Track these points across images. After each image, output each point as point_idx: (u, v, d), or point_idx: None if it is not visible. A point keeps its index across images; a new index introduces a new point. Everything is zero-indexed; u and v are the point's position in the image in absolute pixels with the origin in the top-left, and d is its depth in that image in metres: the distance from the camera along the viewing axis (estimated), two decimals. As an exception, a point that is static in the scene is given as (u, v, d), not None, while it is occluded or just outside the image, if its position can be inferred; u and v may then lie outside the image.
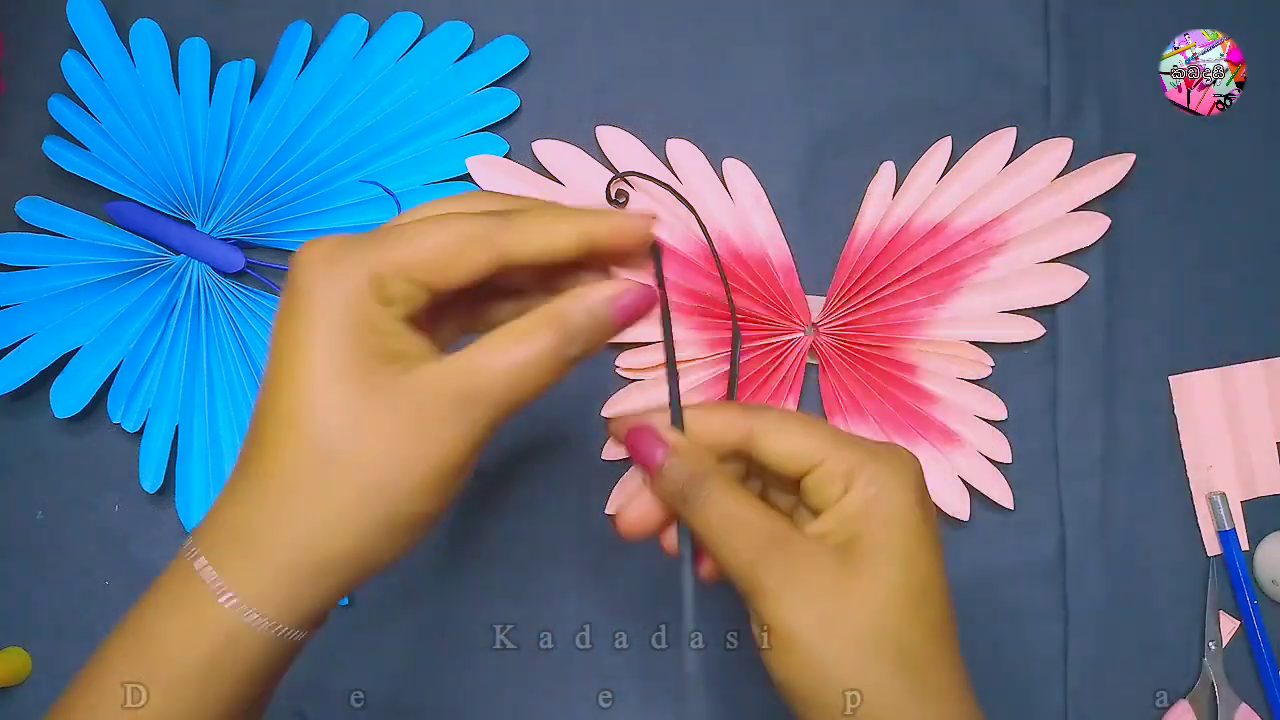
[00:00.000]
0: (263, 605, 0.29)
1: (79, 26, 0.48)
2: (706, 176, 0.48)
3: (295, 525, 0.29)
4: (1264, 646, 0.47)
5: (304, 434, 0.29)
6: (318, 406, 0.29)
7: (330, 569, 0.29)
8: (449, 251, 0.29)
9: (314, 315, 0.29)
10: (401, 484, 0.29)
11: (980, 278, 0.47)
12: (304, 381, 0.29)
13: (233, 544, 0.30)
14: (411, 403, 0.29)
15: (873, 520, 0.32)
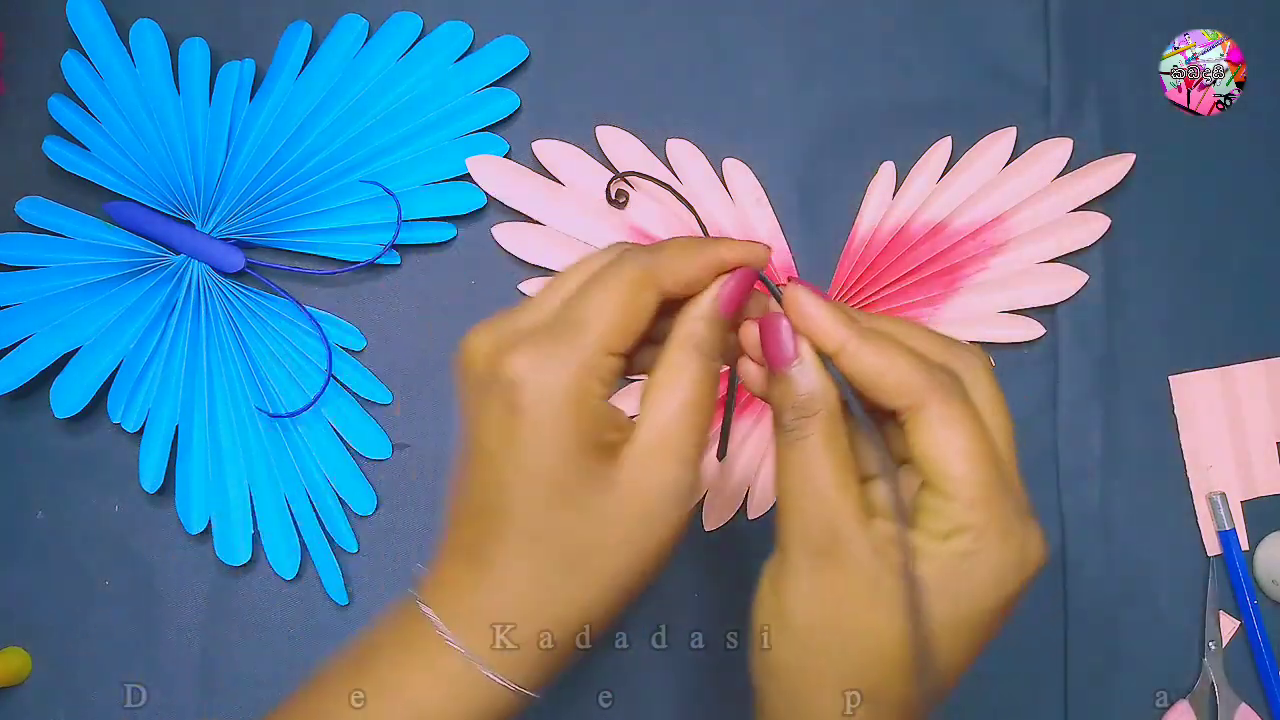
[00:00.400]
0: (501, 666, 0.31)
1: (79, 26, 0.48)
2: (706, 176, 0.48)
3: (541, 611, 0.31)
4: (1264, 646, 0.47)
5: (536, 530, 0.30)
6: (554, 506, 0.30)
7: (569, 644, 0.32)
8: (629, 308, 0.30)
9: (538, 414, 0.29)
10: (639, 568, 0.31)
11: (980, 278, 0.47)
12: (533, 479, 0.30)
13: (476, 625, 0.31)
14: (636, 493, 0.30)
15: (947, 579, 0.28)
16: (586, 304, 0.30)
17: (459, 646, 0.30)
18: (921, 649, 0.28)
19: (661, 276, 0.30)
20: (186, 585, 0.47)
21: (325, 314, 0.48)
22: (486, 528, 0.31)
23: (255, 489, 0.47)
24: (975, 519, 0.28)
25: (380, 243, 0.47)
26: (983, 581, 0.29)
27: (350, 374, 0.47)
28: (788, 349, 0.30)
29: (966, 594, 0.29)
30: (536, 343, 0.30)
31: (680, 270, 0.31)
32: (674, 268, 0.31)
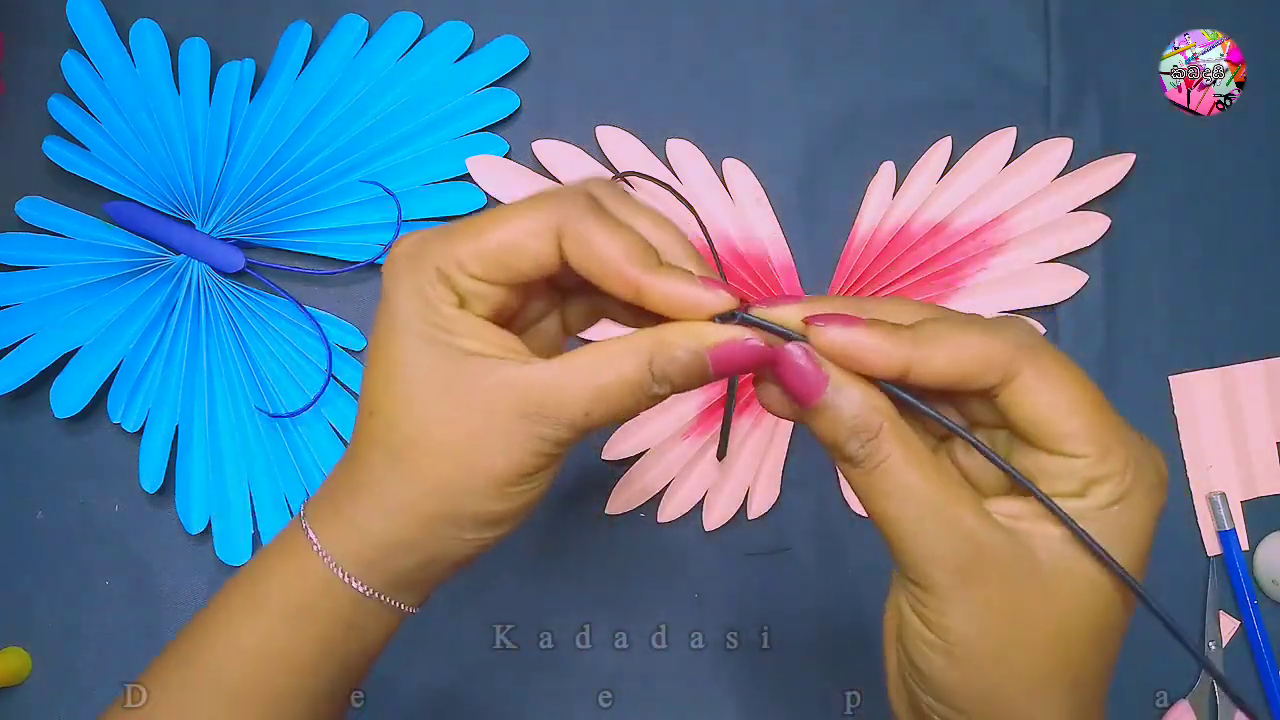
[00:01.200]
0: (348, 564, 0.30)
1: (79, 26, 0.48)
2: (706, 176, 0.48)
3: (371, 503, 0.30)
4: (1264, 646, 0.47)
5: (383, 421, 0.30)
6: (397, 397, 0.29)
7: (399, 550, 0.30)
8: (511, 242, 0.28)
9: (393, 311, 0.29)
10: (461, 483, 0.29)
11: (980, 278, 0.47)
12: (386, 373, 0.29)
13: (328, 508, 0.31)
14: (484, 405, 0.28)
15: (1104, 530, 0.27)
16: (473, 221, 0.29)
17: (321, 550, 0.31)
18: (1132, 586, 0.27)
19: (574, 235, 0.28)
20: (186, 585, 0.47)
21: (325, 314, 0.48)
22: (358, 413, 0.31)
23: (255, 489, 0.47)
24: (1112, 466, 0.27)
25: (380, 243, 0.47)
26: (1141, 520, 0.27)
27: (350, 374, 0.47)
28: (815, 379, 0.27)
29: (1130, 538, 0.27)
30: (416, 237, 0.29)
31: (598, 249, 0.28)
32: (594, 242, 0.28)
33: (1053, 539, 0.27)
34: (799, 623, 0.46)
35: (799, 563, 0.47)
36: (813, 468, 0.47)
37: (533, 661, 0.47)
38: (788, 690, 0.46)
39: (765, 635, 0.37)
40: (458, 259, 0.28)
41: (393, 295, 0.29)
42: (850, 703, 0.37)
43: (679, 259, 0.29)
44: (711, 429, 0.47)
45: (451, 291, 0.29)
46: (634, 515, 0.47)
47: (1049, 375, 0.27)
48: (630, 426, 0.47)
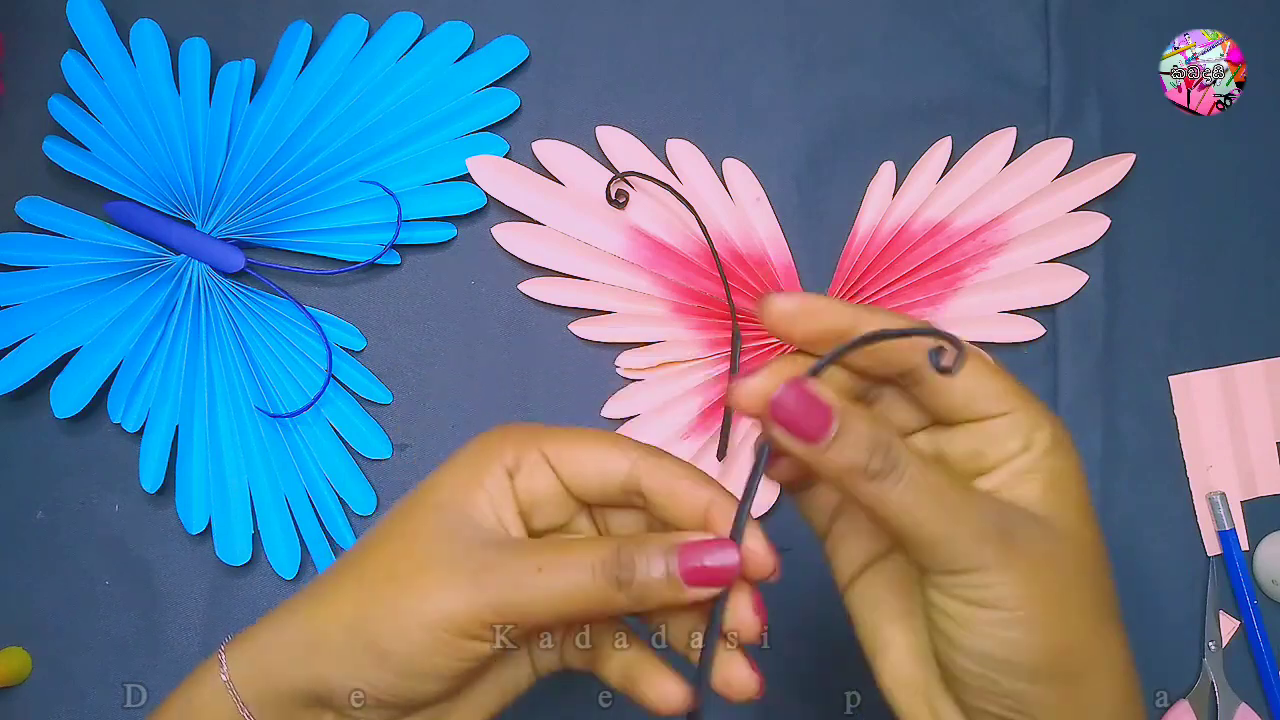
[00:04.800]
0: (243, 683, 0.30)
1: (79, 26, 0.48)
2: (706, 176, 0.48)
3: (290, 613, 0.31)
4: (1264, 646, 0.47)
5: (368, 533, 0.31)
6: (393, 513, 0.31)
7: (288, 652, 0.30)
8: (592, 452, 0.30)
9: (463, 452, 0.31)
10: (379, 599, 0.29)
11: (980, 278, 0.47)
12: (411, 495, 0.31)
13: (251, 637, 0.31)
14: (442, 549, 0.29)
15: (1056, 480, 0.28)
16: (566, 429, 0.31)
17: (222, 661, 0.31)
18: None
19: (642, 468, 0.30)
20: (186, 585, 0.47)
21: (325, 314, 0.48)
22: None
23: (255, 489, 0.47)
24: (1038, 414, 0.29)
25: (380, 243, 0.47)
26: (1076, 463, 0.29)
27: (350, 374, 0.47)
28: (822, 415, 0.27)
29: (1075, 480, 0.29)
30: (518, 425, 0.31)
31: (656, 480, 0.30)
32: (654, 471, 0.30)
33: (1031, 498, 0.28)
34: (799, 623, 0.46)
35: (799, 563, 0.47)
36: (813, 468, 0.47)
37: (533, 661, 0.47)
38: (788, 690, 0.46)
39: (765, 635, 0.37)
40: (542, 439, 0.30)
41: (469, 444, 0.31)
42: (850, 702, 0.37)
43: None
44: (711, 429, 0.47)
45: (516, 459, 0.30)
46: (634, 515, 0.47)
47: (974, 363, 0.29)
48: (630, 427, 0.47)
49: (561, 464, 0.30)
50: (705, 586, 0.29)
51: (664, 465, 0.30)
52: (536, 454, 0.30)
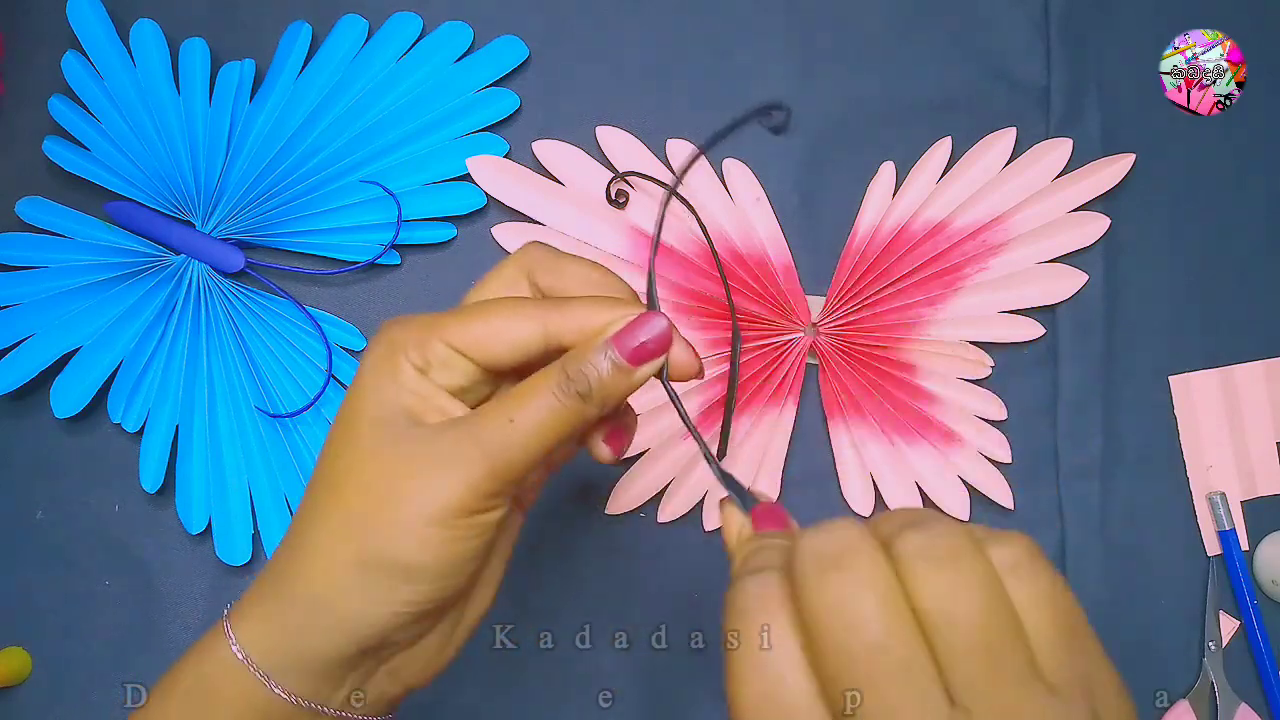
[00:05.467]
0: (257, 650, 0.30)
1: (79, 26, 0.48)
2: (706, 176, 0.48)
3: (294, 571, 0.30)
4: (1264, 646, 0.47)
5: (317, 483, 0.30)
6: (335, 459, 0.30)
7: (319, 609, 0.29)
8: (494, 328, 0.30)
9: (360, 377, 0.30)
10: (374, 526, 0.29)
11: (980, 278, 0.47)
12: (333, 439, 0.31)
13: (253, 604, 0.31)
14: (404, 457, 0.29)
15: None
16: (463, 307, 0.31)
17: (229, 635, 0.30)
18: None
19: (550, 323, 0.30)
20: (186, 585, 0.47)
21: (325, 314, 0.48)
22: (300, 505, 0.31)
23: (255, 489, 0.47)
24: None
25: (380, 243, 0.47)
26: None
27: (350, 374, 0.47)
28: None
29: None
30: (410, 316, 0.31)
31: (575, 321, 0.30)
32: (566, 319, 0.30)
33: None
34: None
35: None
36: (813, 468, 0.47)
37: (533, 661, 0.47)
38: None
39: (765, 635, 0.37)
40: (441, 332, 0.30)
41: (364, 356, 0.31)
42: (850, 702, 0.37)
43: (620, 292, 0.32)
44: (711, 429, 0.47)
45: (422, 357, 0.30)
46: (634, 515, 0.47)
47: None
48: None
49: (471, 350, 0.30)
50: (648, 360, 0.30)
51: (570, 311, 0.30)
52: (440, 347, 0.30)
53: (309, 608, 0.29)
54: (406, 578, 0.29)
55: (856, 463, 0.47)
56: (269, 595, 0.30)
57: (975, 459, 0.47)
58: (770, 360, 0.47)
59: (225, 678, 0.30)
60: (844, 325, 0.47)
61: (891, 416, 0.47)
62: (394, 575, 0.29)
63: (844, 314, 0.47)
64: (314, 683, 0.30)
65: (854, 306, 0.47)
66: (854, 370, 0.47)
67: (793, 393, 0.47)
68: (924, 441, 0.47)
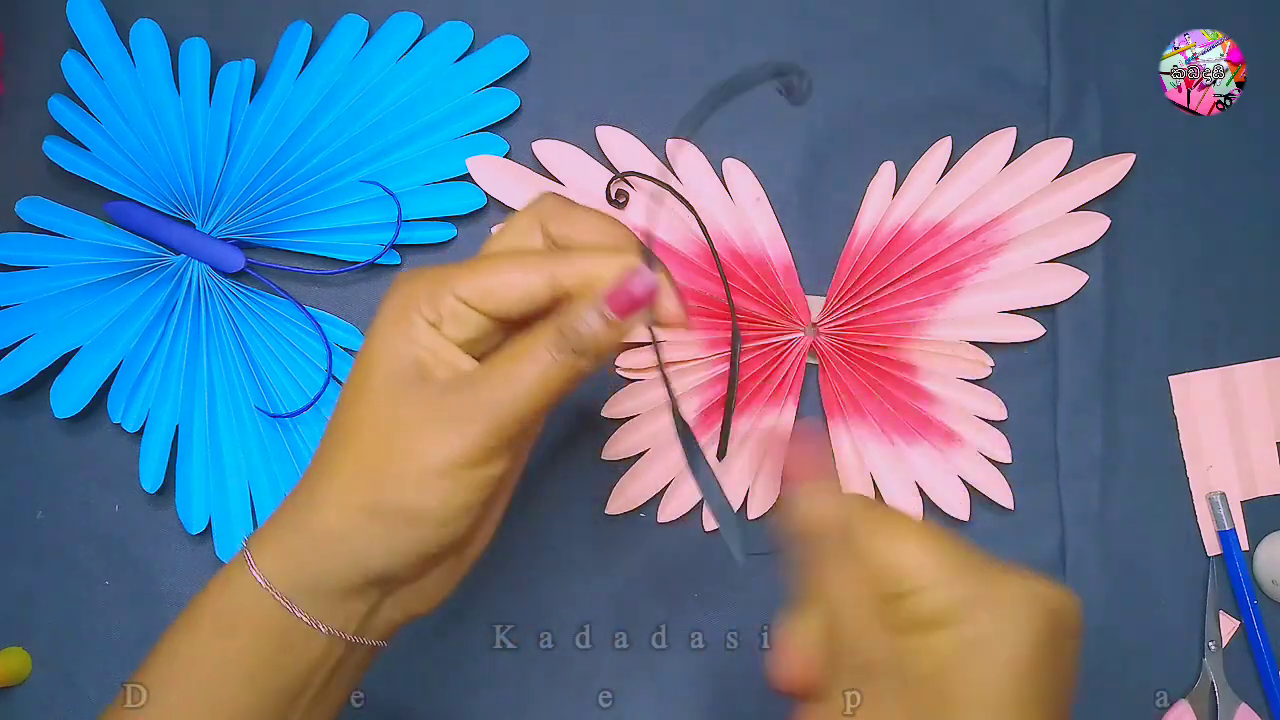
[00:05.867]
0: (273, 574, 0.32)
1: (79, 26, 0.48)
2: (706, 176, 0.48)
3: (311, 509, 0.32)
4: (1264, 646, 0.47)
5: (334, 430, 0.33)
6: (351, 408, 0.32)
7: (322, 548, 0.32)
8: (503, 280, 0.31)
9: (375, 330, 0.32)
10: (387, 474, 0.31)
11: (980, 278, 0.47)
12: (349, 387, 0.33)
13: (268, 525, 0.33)
14: (416, 407, 0.31)
15: (960, 671, 0.27)
16: (473, 260, 0.32)
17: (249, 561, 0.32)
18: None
19: (558, 273, 0.31)
20: (186, 585, 0.47)
21: (325, 314, 0.48)
22: (317, 451, 0.33)
23: (255, 489, 0.47)
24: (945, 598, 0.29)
25: (380, 243, 0.47)
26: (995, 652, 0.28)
27: (350, 374, 0.47)
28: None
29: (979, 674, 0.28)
30: (421, 267, 0.33)
31: (580, 270, 0.31)
32: (573, 268, 0.31)
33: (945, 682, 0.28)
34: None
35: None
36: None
37: (533, 661, 0.47)
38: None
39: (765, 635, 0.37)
40: (451, 284, 0.32)
41: (380, 310, 0.32)
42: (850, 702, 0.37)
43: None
44: (711, 429, 0.47)
45: (434, 311, 0.32)
46: (634, 515, 0.47)
47: (879, 523, 0.31)
48: (630, 426, 0.47)
49: (482, 303, 0.31)
50: (634, 310, 0.31)
51: (574, 261, 0.32)
52: (451, 300, 0.31)
53: (324, 543, 0.32)
54: (413, 524, 0.31)
55: (856, 463, 0.47)
56: (287, 529, 0.33)
57: (975, 459, 0.47)
58: (770, 360, 0.47)
59: (249, 602, 0.32)
60: (844, 325, 0.47)
61: (891, 416, 0.47)
62: (402, 521, 0.31)
63: (844, 314, 0.47)
64: (327, 608, 0.32)
65: (854, 306, 0.47)
66: (854, 370, 0.47)
67: (793, 393, 0.47)
68: (924, 441, 0.47)
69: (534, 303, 0.31)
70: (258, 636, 0.32)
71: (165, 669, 0.33)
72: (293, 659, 0.32)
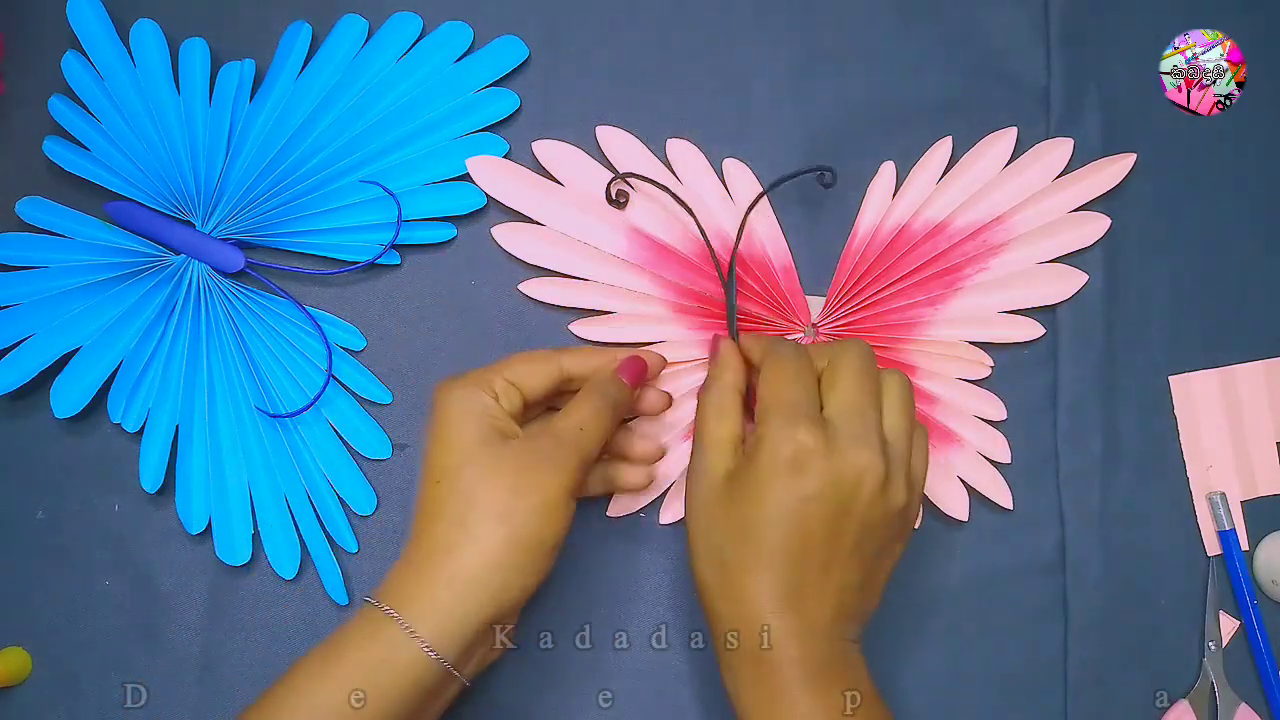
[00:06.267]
0: (431, 636, 0.37)
1: (79, 26, 0.48)
2: (706, 176, 0.48)
3: (448, 557, 0.38)
4: (1264, 646, 0.47)
5: (450, 490, 0.39)
6: (460, 470, 0.39)
7: (474, 586, 0.37)
8: (529, 368, 0.42)
9: (450, 412, 0.40)
10: (519, 509, 0.38)
11: (980, 278, 0.47)
12: (448, 456, 0.39)
13: (403, 579, 0.38)
14: (521, 456, 0.39)
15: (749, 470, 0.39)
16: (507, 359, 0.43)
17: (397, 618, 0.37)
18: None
19: (564, 363, 0.43)
20: (186, 585, 0.47)
21: (325, 314, 0.48)
22: (417, 515, 0.40)
23: (255, 489, 0.47)
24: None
25: (380, 243, 0.47)
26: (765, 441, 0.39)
27: (350, 374, 0.47)
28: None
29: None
30: (466, 374, 0.42)
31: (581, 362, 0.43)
32: (574, 361, 0.43)
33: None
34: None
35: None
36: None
37: (533, 661, 0.47)
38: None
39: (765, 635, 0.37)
40: (500, 373, 0.41)
41: (444, 397, 0.40)
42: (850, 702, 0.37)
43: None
44: (711, 429, 0.47)
45: (491, 389, 0.41)
46: (635, 516, 0.47)
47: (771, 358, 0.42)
48: (631, 427, 0.47)
49: (519, 381, 0.42)
50: (639, 380, 0.44)
51: (574, 355, 0.44)
52: (501, 381, 0.41)
53: (465, 587, 0.37)
54: (542, 552, 0.39)
55: (856, 463, 0.47)
56: (422, 583, 0.38)
57: (975, 459, 0.47)
58: (770, 360, 0.47)
59: (391, 652, 0.37)
60: (844, 325, 0.47)
61: (891, 416, 0.47)
62: (535, 550, 0.38)
63: (844, 314, 0.47)
64: (456, 653, 0.38)
65: (854, 307, 0.47)
66: (854, 370, 0.47)
67: (793, 393, 0.47)
68: (924, 441, 0.47)
69: (552, 382, 0.42)
70: (404, 683, 0.36)
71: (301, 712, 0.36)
72: (426, 705, 0.38)
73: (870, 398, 0.39)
